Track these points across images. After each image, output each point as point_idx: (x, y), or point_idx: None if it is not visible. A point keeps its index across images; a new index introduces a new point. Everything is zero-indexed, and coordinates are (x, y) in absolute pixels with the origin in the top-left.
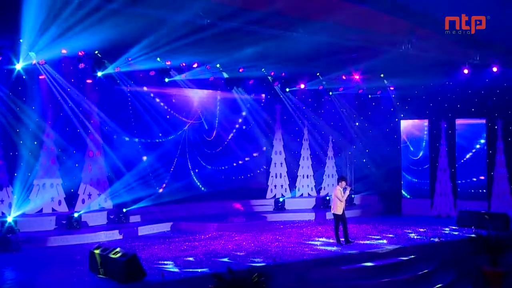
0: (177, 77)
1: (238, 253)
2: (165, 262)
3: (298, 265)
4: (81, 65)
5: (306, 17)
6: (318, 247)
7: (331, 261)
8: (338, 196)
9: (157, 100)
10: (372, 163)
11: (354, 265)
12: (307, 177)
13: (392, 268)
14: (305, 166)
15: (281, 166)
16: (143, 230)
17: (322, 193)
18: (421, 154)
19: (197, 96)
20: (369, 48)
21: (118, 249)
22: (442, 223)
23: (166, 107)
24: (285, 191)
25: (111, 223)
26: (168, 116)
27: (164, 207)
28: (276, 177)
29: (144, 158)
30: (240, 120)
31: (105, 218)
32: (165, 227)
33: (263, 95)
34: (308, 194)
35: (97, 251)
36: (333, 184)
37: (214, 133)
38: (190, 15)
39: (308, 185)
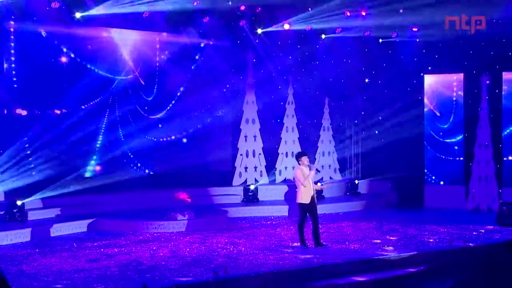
0: (95, 11)
1: (170, 264)
2: (57, 279)
3: (250, 281)
4: None
5: None
6: (288, 255)
7: (300, 274)
8: (300, 178)
9: (66, 46)
10: (386, 135)
11: (335, 280)
12: (293, 155)
13: (391, 285)
14: (290, 141)
15: (255, 140)
16: (46, 231)
17: (314, 178)
18: (452, 121)
19: (127, 41)
20: None
21: None
22: (480, 219)
23: (80, 57)
24: (260, 176)
25: (0, 222)
26: (84, 71)
27: (82, 198)
28: (247, 156)
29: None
30: (191, 75)
31: None
32: (79, 226)
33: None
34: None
35: None
36: (329, 166)
37: (154, 92)
38: None
39: (293, 167)
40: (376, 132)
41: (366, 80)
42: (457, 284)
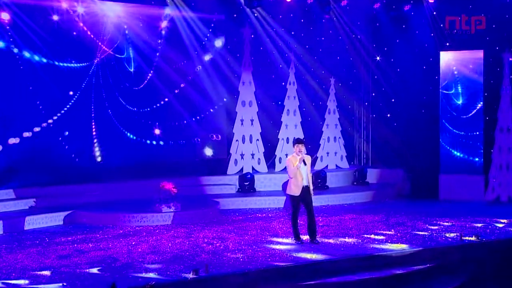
0: None
1: (148, 261)
2: (19, 278)
3: (234, 279)
4: None
5: None
6: (279, 251)
7: (290, 272)
8: (288, 169)
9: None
10: (398, 119)
11: (330, 279)
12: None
13: (393, 284)
14: (291, 125)
15: (252, 124)
16: (20, 225)
17: (318, 166)
18: (471, 105)
19: (110, 14)
20: None
21: None
22: (499, 212)
23: (58, 29)
24: (258, 164)
25: None
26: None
27: (59, 188)
28: (243, 142)
29: None
30: (180, 52)
31: None
32: (55, 219)
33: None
34: None
35: None
36: (335, 153)
37: (134, 66)
38: None
39: None
40: (388, 115)
41: (377, 58)
42: (468, 282)
